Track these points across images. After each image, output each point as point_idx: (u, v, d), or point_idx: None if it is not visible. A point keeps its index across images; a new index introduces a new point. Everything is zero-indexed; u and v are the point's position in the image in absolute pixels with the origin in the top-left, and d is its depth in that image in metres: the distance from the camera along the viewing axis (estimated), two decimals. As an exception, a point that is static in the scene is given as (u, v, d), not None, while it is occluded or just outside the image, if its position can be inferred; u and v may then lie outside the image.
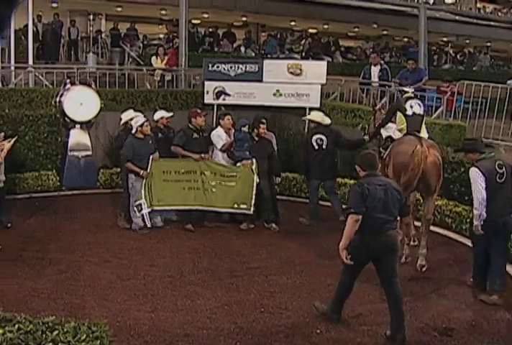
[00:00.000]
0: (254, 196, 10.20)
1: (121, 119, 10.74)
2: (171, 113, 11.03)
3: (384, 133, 9.70)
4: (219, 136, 10.64)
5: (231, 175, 10.31)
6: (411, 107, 9.21)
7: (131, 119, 10.47)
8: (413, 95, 9.59)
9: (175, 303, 7.21)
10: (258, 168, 10.22)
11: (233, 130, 10.66)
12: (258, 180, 10.22)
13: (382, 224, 6.29)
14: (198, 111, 10.89)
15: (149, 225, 10.15)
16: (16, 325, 4.00)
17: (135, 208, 10.10)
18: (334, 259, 8.68)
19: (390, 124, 9.65)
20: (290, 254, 9.12)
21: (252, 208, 10.22)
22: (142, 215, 10.11)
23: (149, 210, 10.19)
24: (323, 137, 10.75)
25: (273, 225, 10.37)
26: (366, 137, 10.48)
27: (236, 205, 10.25)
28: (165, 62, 17.44)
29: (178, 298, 7.35)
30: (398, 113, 9.31)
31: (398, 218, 6.54)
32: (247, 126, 10.44)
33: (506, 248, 7.75)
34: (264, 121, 10.62)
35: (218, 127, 10.83)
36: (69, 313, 6.49)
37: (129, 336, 6.31)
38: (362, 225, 6.24)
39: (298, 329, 6.62)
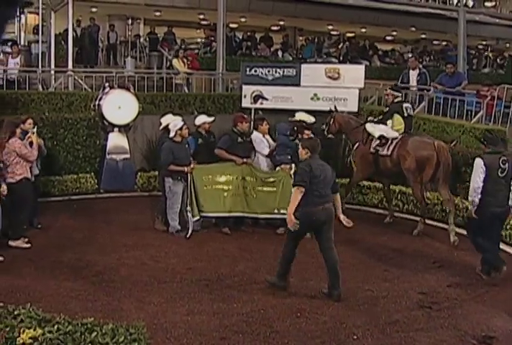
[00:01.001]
0: None
1: (161, 123, 10.76)
2: (212, 118, 11.00)
3: (376, 132, 10.80)
4: (262, 141, 10.64)
5: (272, 180, 10.24)
6: (406, 110, 11.01)
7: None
8: (401, 98, 11.43)
9: (212, 306, 7.22)
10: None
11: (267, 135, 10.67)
12: None
13: (321, 198, 7.51)
14: (245, 116, 10.97)
15: (188, 235, 10.01)
16: (56, 326, 4.04)
17: (187, 213, 10.11)
18: (371, 265, 8.71)
19: (381, 125, 10.94)
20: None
21: None
22: (186, 222, 10.08)
23: (196, 219, 10.15)
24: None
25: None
26: (330, 136, 11.72)
27: (276, 211, 10.20)
28: (187, 65, 17.50)
29: (215, 302, 7.36)
30: (396, 116, 10.93)
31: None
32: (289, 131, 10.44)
33: (499, 235, 8.73)
34: (308, 126, 10.51)
35: (255, 132, 10.82)
36: (106, 315, 6.53)
37: (165, 339, 6.33)
38: (306, 198, 7.39)
39: (335, 335, 6.56)
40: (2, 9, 2.27)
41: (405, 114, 10.93)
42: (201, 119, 10.91)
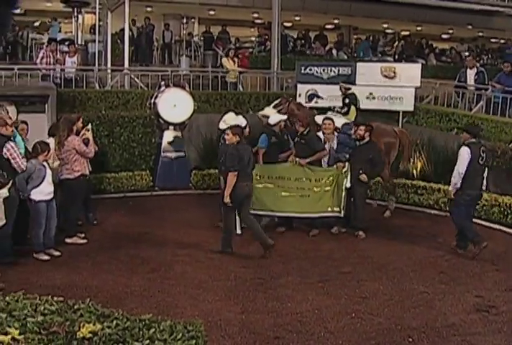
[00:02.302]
0: (344, 199, 10.08)
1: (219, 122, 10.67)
2: (285, 116, 11.02)
3: (338, 121, 11.35)
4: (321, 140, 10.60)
5: (327, 179, 10.17)
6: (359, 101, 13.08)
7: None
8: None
9: (266, 305, 7.20)
10: (352, 172, 10.04)
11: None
12: (349, 185, 10.06)
13: (247, 177, 8.97)
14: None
15: (239, 232, 10.03)
16: (114, 321, 4.05)
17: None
18: (426, 267, 8.57)
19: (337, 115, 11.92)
20: (381, 260, 8.96)
21: (343, 212, 10.11)
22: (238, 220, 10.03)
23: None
24: None
25: (360, 232, 10.18)
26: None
27: (329, 209, 10.14)
28: (237, 64, 17.52)
29: (269, 300, 7.34)
30: (353, 108, 12.71)
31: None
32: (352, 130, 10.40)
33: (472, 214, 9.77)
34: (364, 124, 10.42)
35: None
36: (161, 311, 6.57)
37: (220, 337, 6.32)
38: (237, 178, 8.74)
39: (390, 337, 6.47)
40: (2, 9, 2.29)
41: (358, 105, 13.04)
42: (277, 118, 10.82)
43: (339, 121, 11.33)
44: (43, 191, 8.63)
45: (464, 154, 9.09)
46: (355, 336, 6.45)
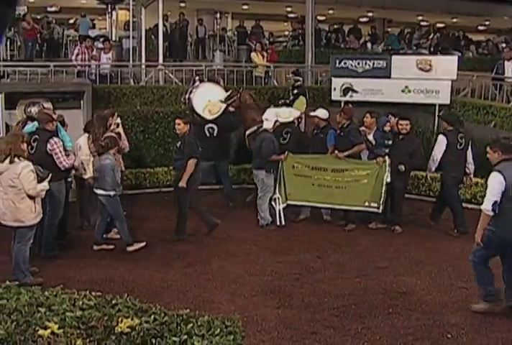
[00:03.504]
0: (383, 195, 9.99)
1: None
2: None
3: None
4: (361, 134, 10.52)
5: (364, 173, 10.09)
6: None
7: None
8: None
9: (302, 300, 7.19)
10: (391, 167, 9.93)
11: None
12: (389, 180, 9.96)
13: (205, 161, 9.92)
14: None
15: (278, 223, 10.17)
16: (152, 316, 4.07)
17: (273, 202, 10.22)
18: (466, 262, 8.39)
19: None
20: (418, 255, 8.88)
21: (381, 207, 10.02)
22: (279, 210, 10.21)
23: (284, 205, 10.29)
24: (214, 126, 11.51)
25: (396, 227, 10.08)
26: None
27: (366, 203, 10.05)
28: (266, 58, 17.44)
29: (305, 295, 7.32)
30: (301, 97, 13.20)
31: None
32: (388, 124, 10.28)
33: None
34: (403, 118, 10.29)
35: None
36: (197, 306, 6.59)
37: (256, 332, 6.33)
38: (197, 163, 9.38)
39: (428, 332, 6.42)
40: (2, 9, 2.27)
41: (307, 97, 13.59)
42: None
43: (285, 111, 11.27)
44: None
45: (441, 141, 9.97)
46: (393, 332, 6.41)
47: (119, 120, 9.96)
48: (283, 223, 10.20)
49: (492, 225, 6.75)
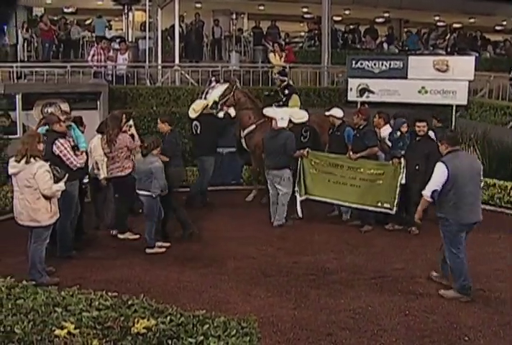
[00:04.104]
0: (397, 196, 9.93)
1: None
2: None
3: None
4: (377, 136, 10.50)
5: (379, 172, 10.04)
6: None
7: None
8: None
9: (318, 301, 7.16)
10: (408, 168, 9.87)
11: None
12: (404, 181, 9.91)
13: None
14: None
15: (300, 215, 10.38)
16: (168, 317, 4.06)
17: (296, 195, 10.43)
18: (482, 263, 8.38)
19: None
20: (435, 256, 8.75)
21: (395, 209, 9.96)
22: (299, 203, 10.42)
23: (303, 198, 10.44)
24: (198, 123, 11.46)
25: (413, 228, 10.01)
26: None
27: (379, 204, 9.99)
28: (283, 59, 17.41)
29: (321, 297, 7.29)
30: (294, 95, 13.19)
31: None
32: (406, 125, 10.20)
33: None
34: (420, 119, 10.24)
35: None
36: (213, 307, 6.57)
37: (272, 333, 6.31)
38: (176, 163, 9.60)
39: (445, 335, 6.36)
40: (1, 9, 2.26)
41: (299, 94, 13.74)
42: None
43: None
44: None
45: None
46: (409, 334, 6.36)
47: (131, 122, 9.94)
48: (301, 215, 10.38)
49: (446, 213, 7.25)
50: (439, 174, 7.15)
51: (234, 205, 11.42)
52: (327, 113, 10.66)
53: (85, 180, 9.19)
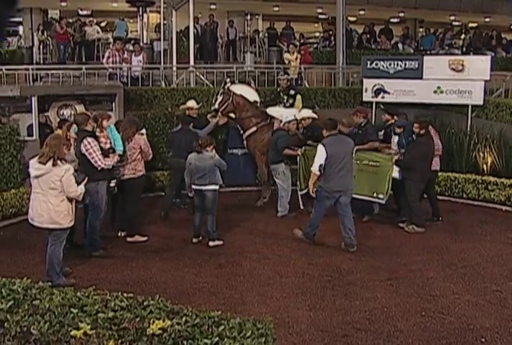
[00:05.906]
0: (389, 187, 10.04)
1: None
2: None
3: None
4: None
5: (374, 164, 10.21)
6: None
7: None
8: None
9: (334, 303, 7.14)
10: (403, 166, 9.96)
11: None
12: (397, 176, 9.99)
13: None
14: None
15: (302, 207, 10.80)
16: (184, 318, 4.06)
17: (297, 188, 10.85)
18: (500, 265, 8.33)
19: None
20: (451, 257, 8.77)
21: (386, 199, 10.11)
22: (300, 196, 10.83)
23: (303, 192, 10.63)
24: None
25: (410, 226, 9.97)
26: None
27: (375, 194, 10.17)
28: (298, 59, 17.37)
29: (337, 298, 7.28)
30: (298, 96, 13.02)
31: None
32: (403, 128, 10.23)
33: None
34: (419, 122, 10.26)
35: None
36: (229, 308, 6.59)
37: (288, 334, 6.31)
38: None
39: (461, 336, 6.33)
40: (1, 10, 2.26)
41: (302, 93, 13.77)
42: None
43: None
44: None
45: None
46: (425, 335, 6.34)
47: (144, 131, 10.14)
48: (302, 207, 10.80)
49: (322, 182, 8.96)
50: (320, 153, 8.86)
51: (250, 207, 11.41)
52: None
53: (112, 184, 9.14)
